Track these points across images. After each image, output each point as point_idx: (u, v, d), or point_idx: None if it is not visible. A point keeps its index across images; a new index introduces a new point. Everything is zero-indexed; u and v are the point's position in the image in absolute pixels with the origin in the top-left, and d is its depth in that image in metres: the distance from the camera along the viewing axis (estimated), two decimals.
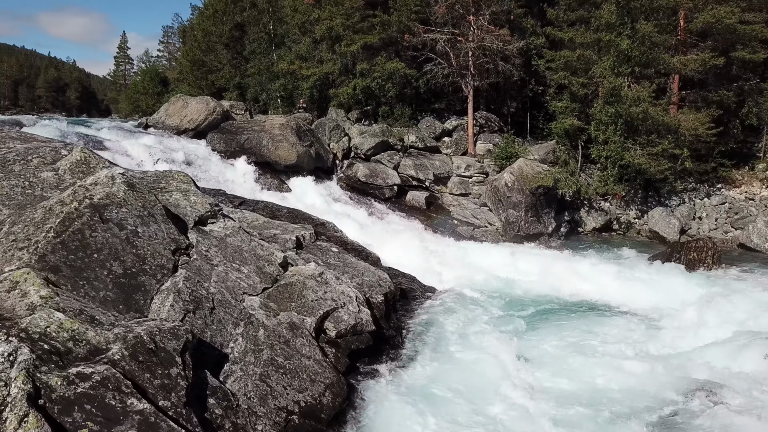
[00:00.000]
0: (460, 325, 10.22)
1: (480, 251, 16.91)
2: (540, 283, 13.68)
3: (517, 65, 23.88)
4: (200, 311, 6.83)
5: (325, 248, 10.94)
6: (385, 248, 14.93)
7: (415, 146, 23.02)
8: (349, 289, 8.81)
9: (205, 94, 32.37)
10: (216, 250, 8.27)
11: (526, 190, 18.76)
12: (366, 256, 11.36)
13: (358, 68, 23.29)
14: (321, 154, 21.16)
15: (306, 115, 24.41)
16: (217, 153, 18.86)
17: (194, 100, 22.67)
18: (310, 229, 11.40)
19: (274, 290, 8.10)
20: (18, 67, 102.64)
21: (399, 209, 19.95)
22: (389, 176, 21.02)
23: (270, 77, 29.09)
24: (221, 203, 12.12)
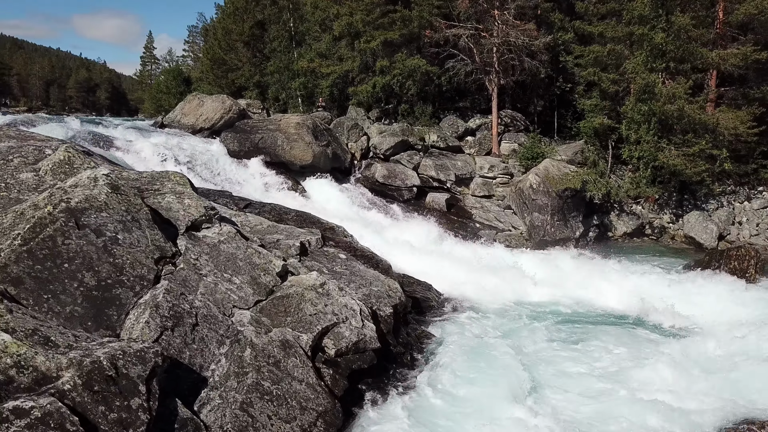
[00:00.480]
0: (477, 340, 9.38)
1: (502, 257, 16.01)
2: (566, 293, 12.77)
3: (544, 61, 22.85)
4: (180, 328, 6.15)
5: (332, 255, 10.21)
6: (400, 254, 14.21)
7: (437, 146, 22.17)
8: (353, 302, 8.05)
9: (225, 93, 32.08)
10: (207, 258, 7.60)
11: (552, 192, 17.78)
12: (376, 263, 10.60)
13: (378, 65, 22.53)
14: (338, 154, 20.47)
15: (324, 114, 23.74)
16: (230, 152, 18.28)
17: (210, 98, 22.18)
18: (317, 233, 10.68)
19: (269, 303, 7.39)
20: (50, 68, 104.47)
21: (418, 211, 19.12)
22: (408, 177, 20.21)
23: (290, 76, 28.53)
24: (225, 206, 11.52)
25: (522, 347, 8.99)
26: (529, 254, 16.63)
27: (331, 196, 18.29)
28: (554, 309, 11.58)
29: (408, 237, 15.72)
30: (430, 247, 15.48)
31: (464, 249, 16.53)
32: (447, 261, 14.83)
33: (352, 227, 15.24)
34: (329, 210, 17.38)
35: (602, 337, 9.47)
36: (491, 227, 19.04)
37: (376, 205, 18.81)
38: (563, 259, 16.04)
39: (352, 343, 7.42)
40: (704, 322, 10.39)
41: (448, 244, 16.82)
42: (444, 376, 7.95)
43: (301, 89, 28.51)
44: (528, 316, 11.05)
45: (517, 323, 10.50)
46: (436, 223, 18.38)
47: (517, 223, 18.96)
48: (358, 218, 17.06)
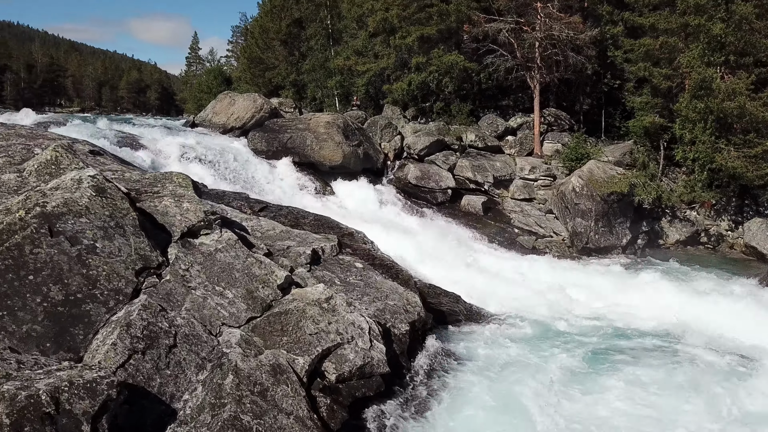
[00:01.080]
0: (506, 365, 8.37)
1: (541, 266, 14.89)
2: (609, 309, 11.60)
3: (590, 57, 21.48)
4: (153, 351, 5.43)
5: (347, 263, 9.39)
6: (429, 261, 13.32)
7: (475, 145, 21.13)
8: (362, 319, 7.21)
9: (262, 92, 31.78)
10: (199, 268, 6.89)
11: (597, 196, 16.51)
12: (396, 273, 9.73)
13: (413, 62, 21.63)
14: (370, 154, 19.68)
15: (358, 113, 23.00)
16: (257, 152, 17.74)
17: (241, 97, 21.78)
18: (333, 240, 9.89)
19: (263, 320, 6.62)
20: (103, 69, 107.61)
21: (452, 215, 18.15)
22: (443, 178, 19.25)
23: (325, 74, 27.93)
24: (239, 209, 10.87)
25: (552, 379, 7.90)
26: (570, 263, 15.49)
27: (360, 199, 17.54)
28: (595, 327, 10.43)
29: (438, 243, 14.79)
30: (462, 255, 14.50)
31: (500, 256, 15.51)
32: (480, 270, 13.86)
33: (379, 232, 14.46)
34: (357, 213, 16.65)
35: (647, 371, 8.26)
36: (531, 233, 17.89)
37: (408, 208, 17.95)
38: (607, 269, 14.82)
39: (357, 367, 6.58)
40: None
41: (483, 250, 15.82)
42: (461, 406, 7.03)
43: (337, 88, 27.86)
44: (564, 335, 9.95)
45: (551, 344, 9.42)
46: (470, 227, 17.40)
47: (559, 228, 17.75)
48: (386, 222, 16.23)
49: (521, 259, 15.36)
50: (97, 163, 10.01)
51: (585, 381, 7.86)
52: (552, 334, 9.98)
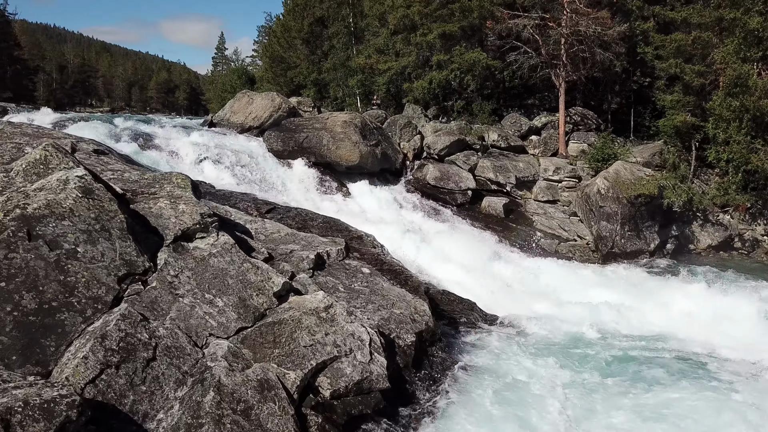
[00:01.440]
0: (519, 382, 7.82)
1: (563, 271, 14.28)
2: (636, 320, 10.94)
3: (619, 54, 20.68)
4: (129, 365, 5.06)
5: (353, 269, 8.96)
6: (444, 266, 12.81)
7: (497, 145, 20.50)
8: (363, 329, 6.76)
9: (283, 92, 31.59)
10: (189, 274, 6.52)
11: (623, 198, 15.77)
12: (405, 279, 9.25)
13: (434, 59, 21.10)
14: (388, 154, 19.22)
15: (378, 113, 22.54)
16: (273, 152, 17.41)
17: (259, 96, 21.52)
18: (340, 243, 9.47)
19: (255, 331, 6.21)
20: (133, 70, 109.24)
21: (472, 217, 17.58)
22: (463, 179, 18.68)
23: (347, 73, 27.56)
24: (245, 210, 10.52)
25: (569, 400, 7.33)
26: (595, 268, 14.82)
27: (375, 199, 17.09)
28: (618, 341, 9.80)
29: (455, 247, 14.26)
30: (480, 259, 13.94)
31: (519, 260, 14.91)
32: (497, 274, 13.31)
33: (394, 234, 14.04)
34: (372, 214, 16.23)
35: (685, 399, 7.58)
36: (554, 236, 17.23)
37: (425, 210, 17.43)
38: (634, 276, 14.12)
39: (354, 382, 6.14)
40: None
41: (502, 254, 15.23)
42: (469, 426, 6.53)
43: (358, 87, 27.47)
44: (587, 348, 9.35)
45: (571, 359, 8.83)
46: (490, 230, 16.82)
47: (584, 232, 17.05)
48: (402, 224, 15.76)
49: (543, 263, 14.73)
50: (100, 162, 9.76)
51: (606, 402, 7.28)
52: (573, 347, 9.40)
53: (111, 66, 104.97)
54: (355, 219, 15.09)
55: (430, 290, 11.00)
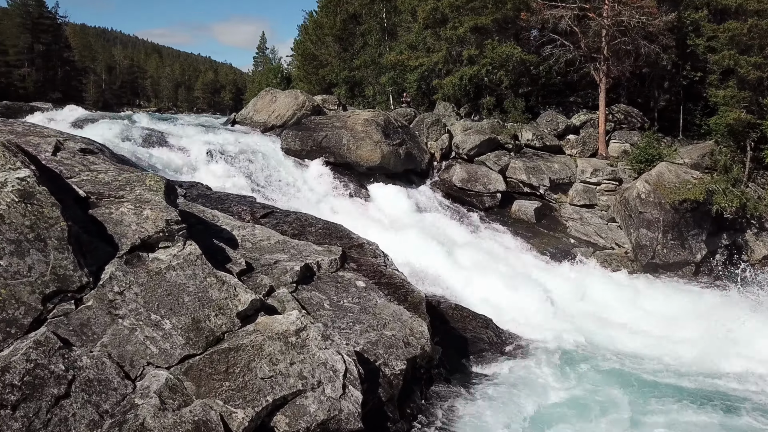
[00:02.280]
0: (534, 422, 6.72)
1: (597, 283, 12.99)
2: (677, 344, 9.65)
3: (667, 46, 19.06)
4: (31, 404, 4.26)
5: (346, 282, 8.02)
6: (463, 276, 11.74)
7: (531, 145, 19.23)
8: (338, 357, 5.83)
9: (316, 90, 30.97)
10: (137, 291, 5.71)
11: (666, 204, 14.31)
12: (404, 294, 8.26)
13: (465, 54, 19.96)
14: (413, 154, 18.20)
15: (407, 111, 21.54)
16: (290, 152, 16.65)
17: (283, 94, 20.89)
18: (336, 252, 8.55)
19: (204, 359, 5.35)
20: (180, 70, 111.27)
21: (500, 222, 16.40)
22: (492, 181, 17.49)
23: (378, 70, 26.66)
24: (238, 214, 9.73)
25: None
26: (631, 280, 13.45)
27: (395, 202, 16.08)
28: (655, 371, 8.56)
29: (478, 254, 13.16)
30: (504, 267, 12.80)
31: (549, 270, 13.69)
32: (521, 285, 12.13)
33: (412, 239, 13.08)
34: (390, 217, 15.26)
35: None
36: (589, 244, 15.89)
37: (449, 214, 16.35)
38: (676, 290, 12.72)
39: (318, 422, 5.21)
40: None
41: (530, 263, 14.04)
42: None
43: (390, 84, 26.53)
44: (620, 378, 8.15)
45: (600, 392, 7.66)
46: (519, 236, 15.61)
47: (623, 239, 15.65)
48: (422, 229, 14.74)
49: (574, 273, 13.48)
50: (82, 162, 9.10)
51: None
52: (603, 378, 8.21)
53: (159, 67, 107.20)
54: (371, 223, 14.19)
55: (441, 305, 10.02)
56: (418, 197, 17.10)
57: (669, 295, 12.53)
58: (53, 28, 65.71)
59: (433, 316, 9.43)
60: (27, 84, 60.64)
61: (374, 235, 12.43)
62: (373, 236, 12.39)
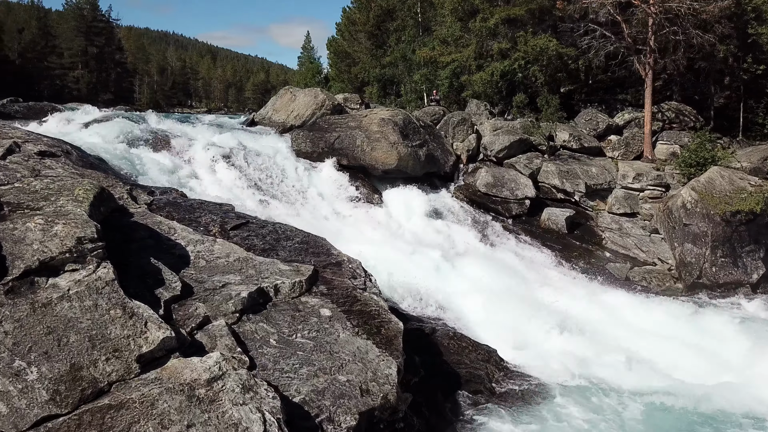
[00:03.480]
0: None
1: (632, 305, 11.33)
2: (731, 388, 7.99)
3: (724, 36, 17.00)
4: None
5: (308, 310, 6.80)
6: (472, 295, 10.36)
7: (568, 146, 17.56)
8: (256, 416, 4.61)
9: (349, 89, 29.93)
10: (9, 328, 4.67)
11: (716, 215, 12.46)
12: (378, 326, 6.96)
13: (495, 48, 18.41)
14: (436, 156, 16.83)
15: (435, 109, 20.16)
16: (300, 154, 15.59)
17: (302, 92, 19.90)
18: (303, 273, 7.34)
19: (69, 423, 4.22)
20: (232, 71, 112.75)
21: (527, 231, 14.85)
22: (520, 186, 15.94)
23: (409, 67, 25.34)
24: (205, 225, 8.67)
25: None
26: (677, 305, 11.62)
27: (412, 209, 14.78)
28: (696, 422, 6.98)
29: (493, 269, 11.71)
30: (523, 285, 11.31)
31: (577, 287, 12.09)
32: (540, 306, 10.63)
33: (421, 250, 11.81)
34: (401, 226, 14.00)
35: None
36: (627, 257, 14.15)
37: (470, 222, 14.94)
38: (726, 317, 10.88)
39: None
40: None
41: (554, 278, 12.48)
42: None
43: (423, 82, 25.18)
44: None
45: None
46: (547, 248, 14.05)
47: (666, 254, 13.84)
48: (436, 240, 13.42)
49: (605, 294, 11.83)
50: (37, 167, 8.26)
51: None
52: None
53: (210, 68, 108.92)
54: (377, 232, 12.99)
55: (437, 332, 8.71)
56: (438, 203, 15.74)
57: (718, 324, 10.73)
58: (106, 30, 67.35)
59: (421, 347, 8.14)
60: (80, 86, 62.30)
61: (377, 244, 11.29)
62: (377, 245, 11.22)
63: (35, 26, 62.11)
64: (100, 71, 66.02)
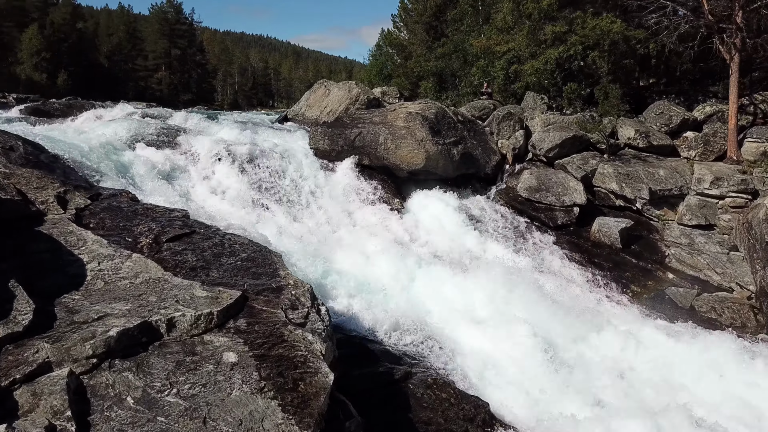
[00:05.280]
0: None
1: (693, 349, 8.92)
2: None
3: None
4: None
5: (207, 353, 5.21)
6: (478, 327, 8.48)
7: (633, 144, 15.05)
8: None
9: (405, 84, 28.29)
10: None
11: None
12: (296, 379, 5.22)
13: (549, 32, 16.10)
14: (474, 155, 14.85)
15: (484, 103, 18.07)
16: (319, 153, 14.11)
17: (336, 86, 18.57)
18: (222, 301, 5.79)
19: None
20: (314, 72, 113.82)
21: (572, 245, 12.59)
22: (568, 191, 13.66)
23: (464, 59, 23.28)
24: (136, 236, 7.30)
25: None
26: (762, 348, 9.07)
27: (438, 217, 12.92)
28: None
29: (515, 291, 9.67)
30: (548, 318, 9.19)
31: (620, 321, 9.78)
32: (562, 350, 8.55)
33: (435, 269, 10.05)
34: (426, 239, 12.15)
35: None
36: (696, 280, 11.62)
37: (505, 233, 12.85)
38: None
39: None
40: None
41: (594, 305, 10.25)
42: None
43: (480, 75, 23.06)
44: None
45: None
46: (593, 265, 11.76)
47: (748, 278, 11.18)
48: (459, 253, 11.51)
49: (660, 331, 9.45)
50: None
51: None
52: None
53: (292, 69, 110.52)
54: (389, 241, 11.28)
55: (412, 377, 6.91)
56: (472, 209, 13.80)
57: None
58: (189, 33, 69.33)
59: (384, 400, 6.40)
60: (162, 87, 64.42)
61: (381, 256, 9.69)
62: (386, 257, 9.66)
63: (123, 30, 64.86)
64: (182, 72, 68.07)
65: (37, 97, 31.32)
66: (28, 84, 47.93)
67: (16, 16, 51.95)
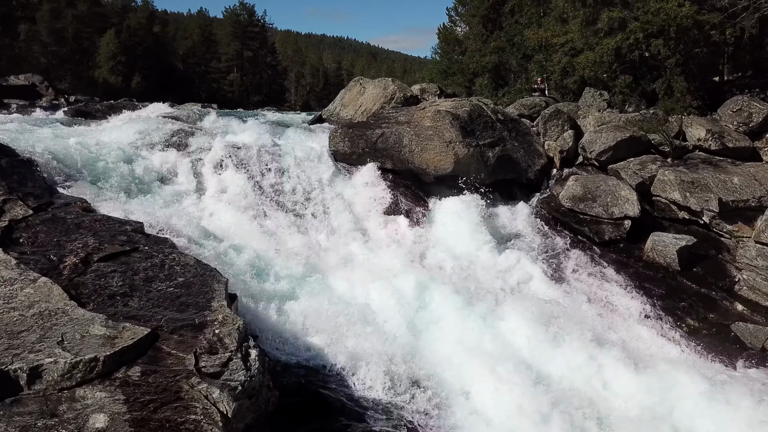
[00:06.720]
0: None
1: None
2: None
3: None
4: None
5: (69, 414, 4.14)
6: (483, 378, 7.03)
7: (704, 146, 12.94)
8: None
9: (460, 81, 26.78)
10: None
11: None
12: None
13: (605, 18, 14.14)
14: (515, 158, 13.20)
15: (535, 101, 16.28)
16: (338, 156, 12.91)
17: (372, 84, 17.40)
18: (115, 343, 4.75)
19: None
20: (388, 71, 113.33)
21: (619, 265, 10.71)
22: (618, 201, 11.75)
23: (517, 52, 21.45)
24: (65, 254, 6.35)
25: None
26: None
27: (463, 230, 11.36)
28: None
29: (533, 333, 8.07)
30: (580, 365, 7.54)
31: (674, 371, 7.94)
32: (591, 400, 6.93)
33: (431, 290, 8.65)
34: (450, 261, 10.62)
35: None
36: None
37: (541, 250, 11.15)
38: None
39: None
40: None
41: (643, 345, 8.47)
42: None
43: (538, 71, 21.20)
44: None
45: None
46: (643, 292, 9.89)
47: None
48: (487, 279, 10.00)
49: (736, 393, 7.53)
50: None
51: None
52: None
53: (365, 69, 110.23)
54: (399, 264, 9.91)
55: None
56: (508, 221, 12.18)
57: None
58: (260, 35, 70.27)
59: None
60: (234, 88, 65.56)
61: (394, 275, 8.47)
62: (394, 280, 8.43)
63: (197, 33, 66.55)
64: (253, 74, 69.04)
65: (88, 99, 32.04)
66: (105, 87, 49.83)
67: (97, 22, 54.20)
